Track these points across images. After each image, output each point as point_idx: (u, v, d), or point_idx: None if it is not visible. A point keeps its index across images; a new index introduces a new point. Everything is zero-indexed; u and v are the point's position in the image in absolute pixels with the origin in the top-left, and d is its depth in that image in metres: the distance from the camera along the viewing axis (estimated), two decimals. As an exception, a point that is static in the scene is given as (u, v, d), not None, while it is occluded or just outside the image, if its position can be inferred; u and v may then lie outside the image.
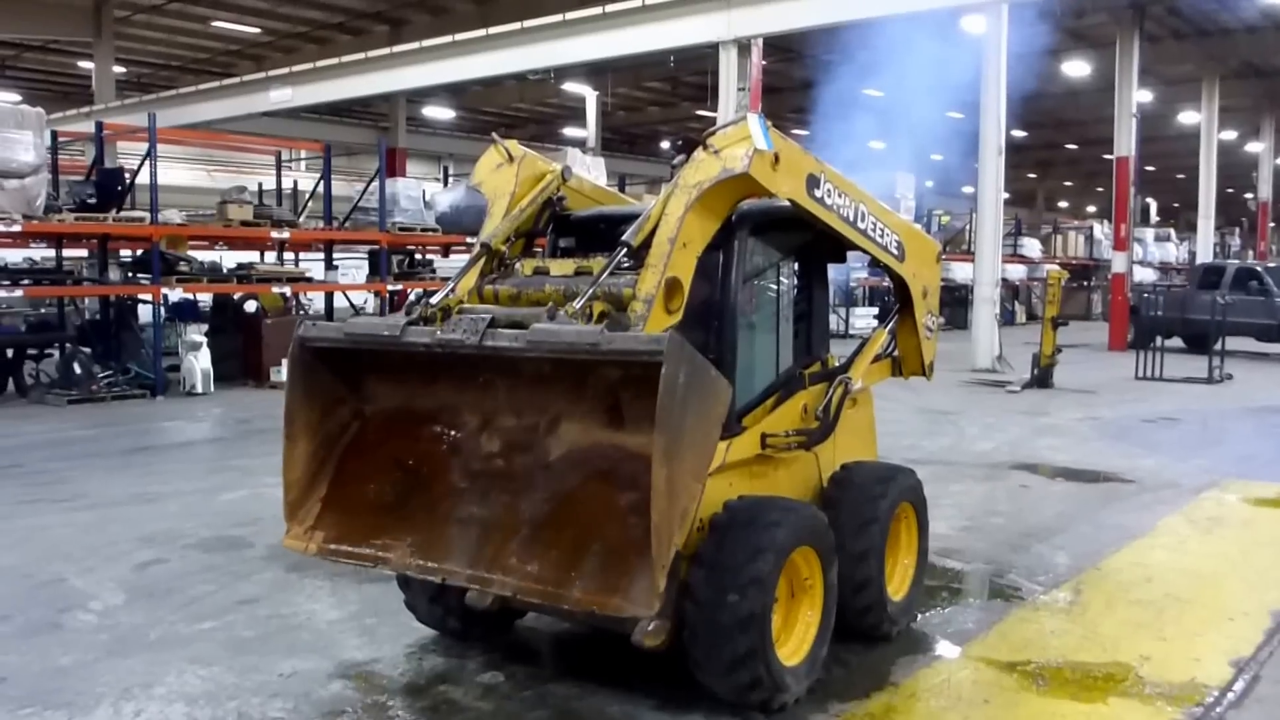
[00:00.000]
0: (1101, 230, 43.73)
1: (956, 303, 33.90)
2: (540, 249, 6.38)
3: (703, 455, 4.50)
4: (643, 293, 4.93)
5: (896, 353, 7.23)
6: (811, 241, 6.32)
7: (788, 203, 5.54)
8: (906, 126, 17.32)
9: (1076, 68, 33.66)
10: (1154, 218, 62.86)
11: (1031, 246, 42.67)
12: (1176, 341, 25.30)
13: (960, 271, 31.71)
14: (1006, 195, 61.16)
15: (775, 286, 6.25)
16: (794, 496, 5.89)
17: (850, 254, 6.67)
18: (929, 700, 5.58)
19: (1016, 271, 39.74)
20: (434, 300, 5.25)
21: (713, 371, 4.55)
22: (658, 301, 4.91)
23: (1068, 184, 70.04)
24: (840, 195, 5.89)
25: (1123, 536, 8.84)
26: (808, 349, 6.45)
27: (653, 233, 5.15)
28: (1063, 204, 75.33)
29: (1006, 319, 36.27)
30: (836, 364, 6.70)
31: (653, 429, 4.17)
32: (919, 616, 6.71)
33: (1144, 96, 32.33)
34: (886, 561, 6.27)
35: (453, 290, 5.44)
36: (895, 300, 7.13)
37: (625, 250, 5.12)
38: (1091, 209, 69.71)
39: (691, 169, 5.23)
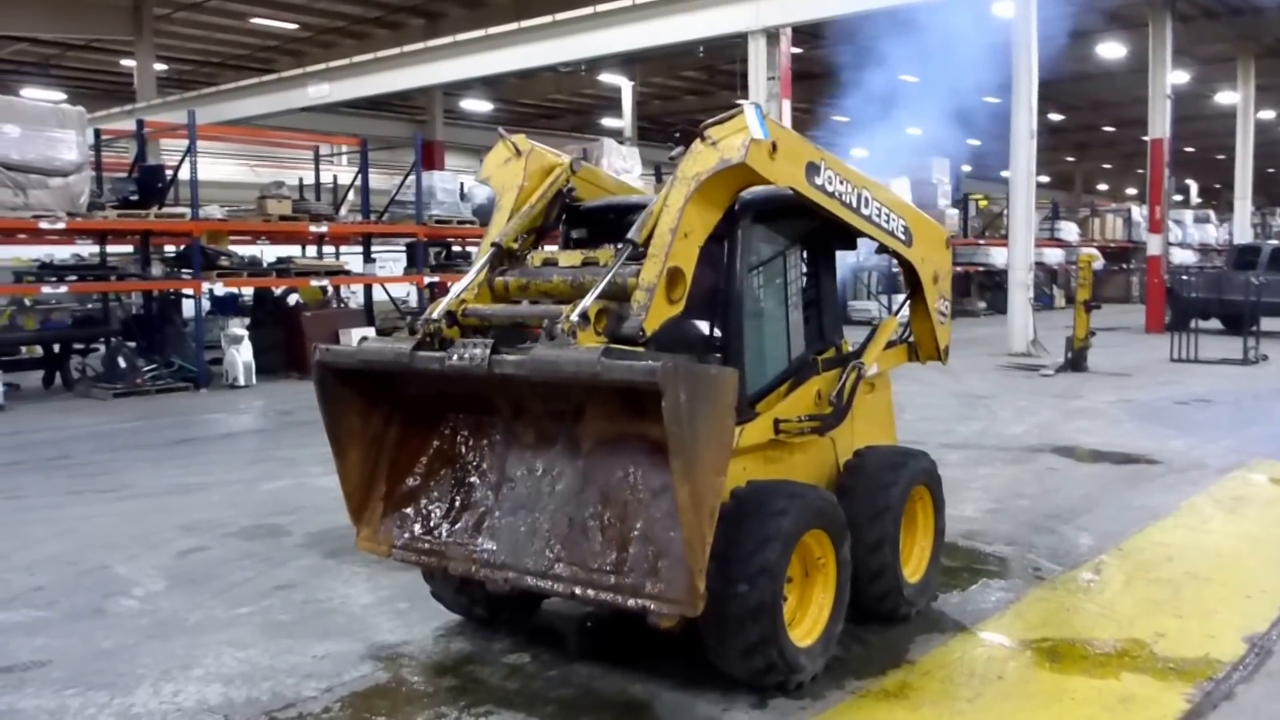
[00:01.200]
0: (1139, 212, 43.13)
1: (996, 287, 33.70)
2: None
3: (721, 449, 4.58)
4: (645, 282, 5.00)
5: (911, 338, 7.28)
6: (819, 228, 6.34)
7: (790, 190, 5.61)
8: (942, 111, 17.25)
9: (1111, 49, 33.37)
10: (1194, 199, 62.05)
11: (1069, 230, 42.13)
12: (1215, 323, 25.02)
13: (999, 256, 31.53)
14: (1044, 178, 60.71)
15: (783, 273, 6.27)
16: (810, 481, 5.93)
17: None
18: (942, 676, 5.66)
19: (1054, 255, 39.35)
20: (439, 309, 5.35)
21: (713, 371, 4.62)
22: (659, 291, 4.98)
23: (1106, 166, 69.36)
24: (842, 182, 5.92)
25: (1147, 517, 8.84)
26: (820, 335, 6.48)
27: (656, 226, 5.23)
28: (1102, 186, 74.58)
29: (1044, 303, 36.00)
30: (850, 349, 6.74)
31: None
32: (938, 597, 6.77)
33: (1180, 77, 32.00)
34: (903, 544, 6.32)
35: (458, 296, 5.51)
36: (906, 286, 7.17)
37: (631, 247, 5.20)
38: (1131, 191, 68.90)
39: (690, 160, 5.29)
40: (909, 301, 7.17)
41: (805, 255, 6.43)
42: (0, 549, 8.35)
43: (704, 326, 5.98)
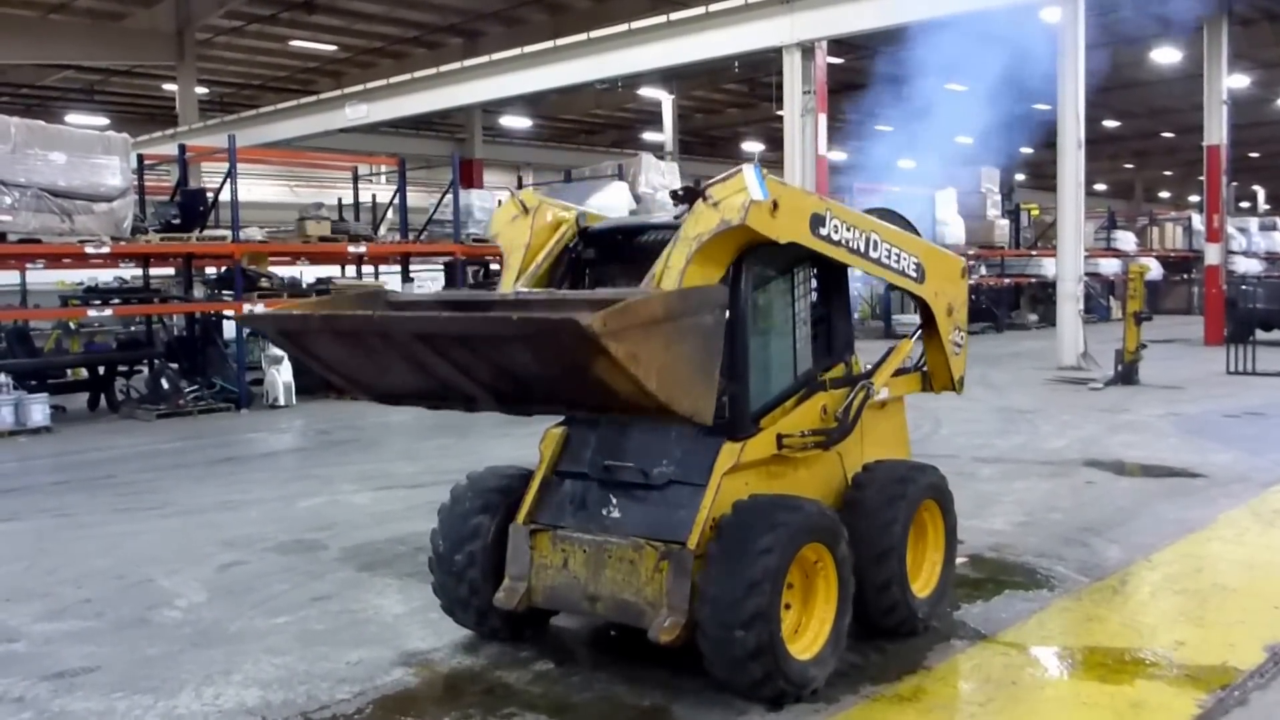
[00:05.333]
0: (1200, 221, 42.60)
1: (1048, 299, 33.31)
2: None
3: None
4: None
5: (925, 367, 7.23)
6: None
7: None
8: (992, 120, 17.08)
9: (1167, 54, 32.84)
10: (1262, 206, 60.88)
11: (1126, 239, 41.40)
12: (1277, 334, 24.48)
13: (1051, 267, 31.14)
14: (1102, 187, 59.74)
15: (791, 289, 6.25)
16: (815, 496, 5.91)
17: None
18: (957, 682, 5.72)
19: (1110, 266, 38.76)
20: None
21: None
22: None
23: (1167, 174, 68.05)
24: (849, 229, 5.93)
25: (1181, 530, 8.73)
26: (828, 351, 6.44)
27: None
28: (1163, 194, 73.11)
29: (1100, 315, 35.54)
30: (862, 366, 6.71)
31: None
32: (960, 607, 6.77)
33: (1240, 81, 31.48)
34: (913, 559, 6.29)
35: None
36: (920, 318, 7.12)
37: None
38: (1194, 199, 67.62)
39: (692, 221, 5.33)
40: (922, 332, 7.12)
41: (814, 271, 6.38)
42: (50, 563, 8.59)
43: None
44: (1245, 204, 58.59)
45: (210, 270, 22.73)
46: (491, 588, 5.92)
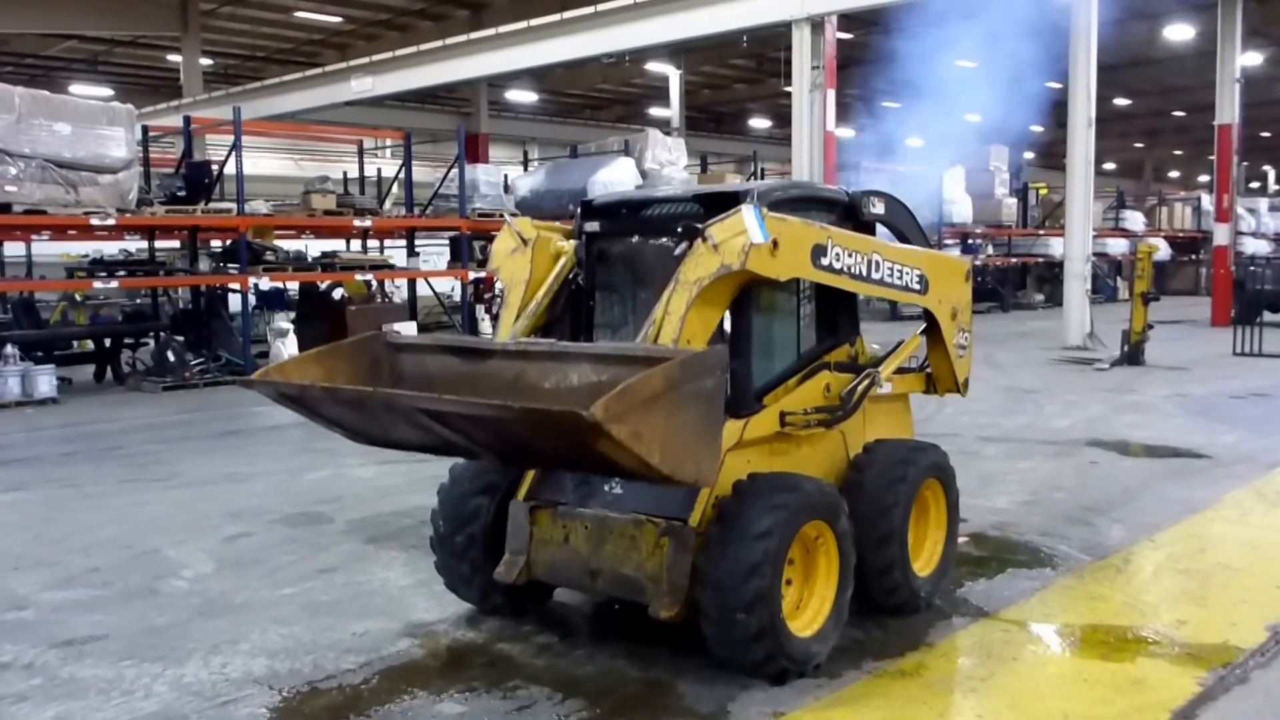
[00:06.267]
0: (1210, 201, 42.36)
1: (1054, 278, 33.21)
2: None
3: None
4: None
5: (929, 369, 7.20)
6: (835, 222, 6.28)
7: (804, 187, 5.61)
8: (1001, 98, 16.96)
9: (1180, 31, 32.58)
10: (1273, 186, 60.52)
11: (1135, 219, 41.25)
12: (1285, 316, 24.40)
13: (1059, 246, 31.03)
14: (1111, 166, 59.26)
15: None
16: (817, 474, 5.91)
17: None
18: (959, 658, 5.75)
19: (1118, 246, 38.67)
20: None
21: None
22: None
23: (1177, 153, 67.47)
24: (850, 254, 5.90)
25: (1184, 510, 8.73)
26: (833, 331, 6.43)
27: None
28: (1173, 174, 72.51)
29: (1107, 295, 35.44)
30: (867, 347, 6.72)
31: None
32: (964, 584, 6.80)
33: (1255, 59, 31.24)
34: (915, 537, 6.29)
35: None
36: (925, 321, 7.06)
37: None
38: (1204, 179, 67.11)
39: (691, 264, 5.31)
40: (926, 335, 7.06)
41: None
42: (58, 533, 8.66)
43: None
44: (1255, 184, 58.33)
45: (215, 243, 22.73)
46: (493, 567, 5.95)
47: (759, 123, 51.95)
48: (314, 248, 23.80)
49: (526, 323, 5.96)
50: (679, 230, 5.44)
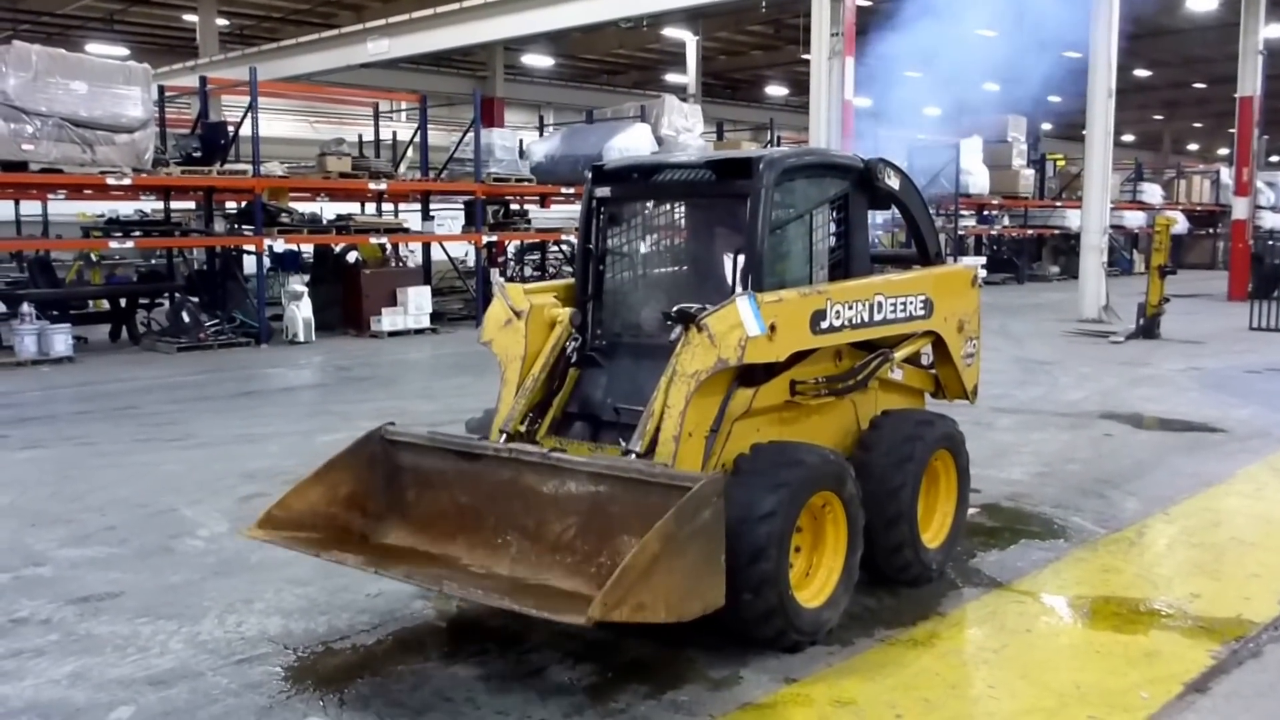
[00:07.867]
0: (1228, 174, 42.02)
1: (1070, 250, 33.04)
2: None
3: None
4: None
5: (935, 372, 7.18)
6: (848, 190, 6.25)
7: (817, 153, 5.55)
8: (1020, 68, 16.83)
9: (1203, 1, 32.27)
10: (1291, 159, 59.96)
11: (1152, 192, 40.99)
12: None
13: (1075, 218, 30.87)
14: (1129, 137, 58.70)
15: (809, 233, 6.15)
16: (829, 444, 5.88)
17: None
18: (971, 628, 5.78)
19: (1135, 218, 38.35)
20: None
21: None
22: None
23: (1197, 125, 66.66)
24: (849, 306, 5.84)
25: (1199, 483, 8.73)
26: None
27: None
28: (1192, 146, 71.79)
29: (1124, 267, 35.28)
30: None
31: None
32: (977, 554, 6.81)
33: (1278, 31, 30.94)
34: (925, 508, 6.28)
35: None
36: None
37: (634, 456, 5.21)
38: (1223, 151, 66.35)
39: (688, 355, 5.27)
40: (932, 346, 7.01)
41: (834, 215, 6.28)
42: (74, 490, 8.71)
43: (726, 282, 5.97)
44: (1275, 158, 57.81)
45: (231, 205, 22.73)
46: None
47: (776, 90, 51.54)
48: (329, 210, 23.72)
49: (525, 402, 5.91)
50: (672, 316, 5.40)
